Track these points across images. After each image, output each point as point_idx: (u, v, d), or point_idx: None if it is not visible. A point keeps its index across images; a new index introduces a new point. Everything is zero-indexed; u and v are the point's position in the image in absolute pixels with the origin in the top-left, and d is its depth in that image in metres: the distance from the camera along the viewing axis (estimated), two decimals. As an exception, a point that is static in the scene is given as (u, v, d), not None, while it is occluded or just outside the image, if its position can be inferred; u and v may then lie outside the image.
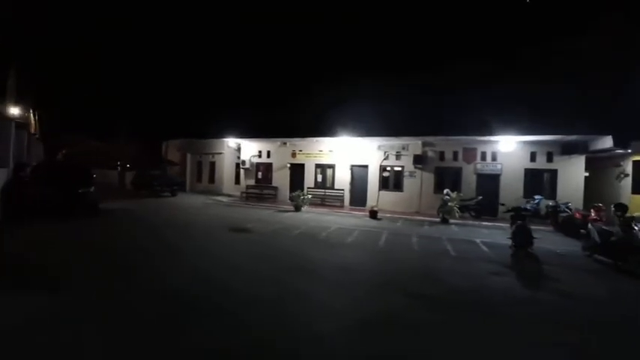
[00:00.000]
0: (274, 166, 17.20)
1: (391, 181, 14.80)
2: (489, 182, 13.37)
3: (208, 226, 9.52)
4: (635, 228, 7.19)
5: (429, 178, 14.17)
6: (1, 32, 12.50)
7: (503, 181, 13.21)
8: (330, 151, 15.79)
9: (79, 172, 11.33)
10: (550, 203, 11.26)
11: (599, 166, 13.65)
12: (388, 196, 14.73)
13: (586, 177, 12.66)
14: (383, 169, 14.89)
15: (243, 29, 22.62)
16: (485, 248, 7.92)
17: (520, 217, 7.86)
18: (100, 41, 27.58)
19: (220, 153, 19.84)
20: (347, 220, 12.02)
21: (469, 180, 13.65)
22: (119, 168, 23.87)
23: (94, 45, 26.16)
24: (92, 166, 23.26)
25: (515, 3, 14.89)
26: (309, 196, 14.15)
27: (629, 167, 11.92)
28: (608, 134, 10.80)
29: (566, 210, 10.45)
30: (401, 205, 14.39)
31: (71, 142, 23.63)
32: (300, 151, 16.54)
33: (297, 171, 16.59)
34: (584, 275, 5.96)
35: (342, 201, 15.31)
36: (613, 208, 6.76)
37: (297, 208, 13.92)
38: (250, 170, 17.74)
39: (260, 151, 17.62)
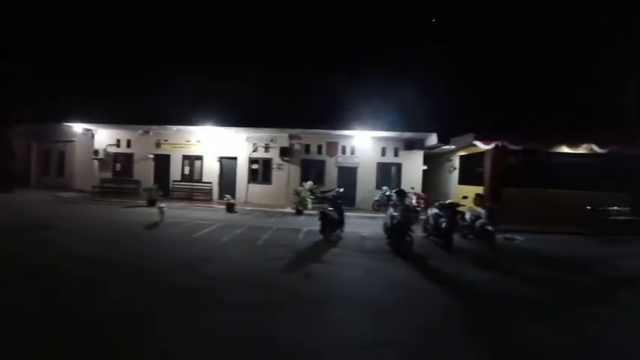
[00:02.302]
0: (135, 157, 15.30)
1: (260, 173, 14.59)
2: (348, 174, 14.25)
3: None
4: (433, 210, 8.19)
5: (295, 170, 14.40)
6: None
7: (360, 173, 14.25)
8: (198, 141, 14.76)
9: None
10: (387, 193, 12.51)
11: (438, 161, 15.86)
12: (257, 188, 14.53)
13: (425, 170, 14.53)
14: (252, 161, 14.59)
15: (102, 4, 19.48)
16: (300, 236, 8.15)
17: (329, 203, 8.38)
18: None
19: (71, 141, 16.81)
20: (197, 213, 11.30)
21: (331, 172, 14.33)
22: None
23: None
24: None
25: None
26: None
27: (456, 161, 14.06)
28: (433, 132, 12.48)
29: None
30: (269, 198, 14.32)
31: None
32: (166, 140, 15.06)
33: (162, 163, 15.05)
34: (353, 257, 6.38)
35: (211, 194, 14.48)
36: (394, 194, 7.64)
37: (151, 203, 12.61)
38: (106, 161, 15.43)
39: (118, 140, 15.45)
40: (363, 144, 14.07)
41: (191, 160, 14.92)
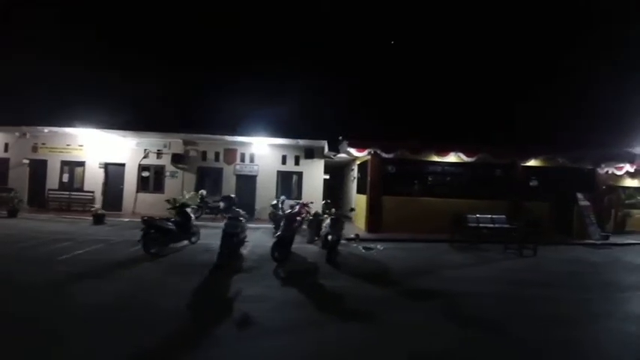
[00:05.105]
0: (11, 163, 13.51)
1: (151, 181, 13.50)
2: (247, 183, 13.62)
3: None
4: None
5: (191, 178, 13.50)
6: None
7: (260, 182, 13.68)
8: (81, 146, 13.39)
9: None
10: (274, 202, 11.98)
11: (345, 171, 15.75)
12: (148, 198, 13.37)
13: (327, 179, 14.31)
14: (142, 168, 13.50)
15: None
16: (131, 249, 7.21)
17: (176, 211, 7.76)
18: None
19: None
20: (53, 226, 10.01)
21: (229, 181, 13.61)
22: None
23: None
24: None
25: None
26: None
27: (356, 171, 13.91)
28: (324, 139, 12.26)
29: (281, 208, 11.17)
30: (161, 208, 13.14)
31: None
32: (43, 144, 13.47)
33: (38, 169, 13.43)
34: (152, 272, 5.80)
35: (92, 205, 13.10)
36: (220, 202, 7.12)
37: (12, 214, 11.14)
38: (-22, 168, 13.56)
39: (-7, 143, 13.69)
40: (263, 151, 13.56)
41: (71, 166, 13.44)
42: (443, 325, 4.11)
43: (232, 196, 6.93)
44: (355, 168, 13.79)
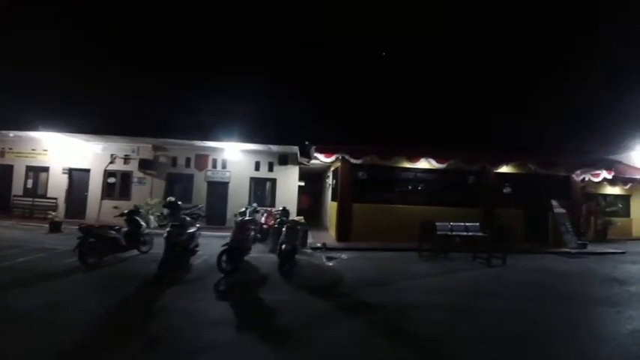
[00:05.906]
0: (-21, 169, 13.07)
1: (117, 188, 13.02)
2: (219, 190, 13.22)
3: None
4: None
5: (160, 185, 13.05)
6: None
7: (232, 188, 13.27)
8: (45, 150, 12.92)
9: None
10: (241, 210, 11.53)
11: (323, 178, 15.42)
12: (114, 205, 12.88)
13: (302, 186, 13.94)
14: (109, 174, 13.03)
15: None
16: (73, 259, 6.79)
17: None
18: None
19: None
20: (7, 232, 9.50)
21: (200, 188, 13.19)
22: None
23: None
24: None
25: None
26: None
27: (331, 178, 13.56)
28: (296, 145, 11.95)
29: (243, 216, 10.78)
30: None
31: None
32: (10, 149, 12.99)
33: (5, 174, 12.87)
34: (81, 283, 5.45)
35: (55, 212, 12.57)
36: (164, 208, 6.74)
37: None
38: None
39: (-42, 149, 13.17)
40: (235, 157, 13.19)
41: (35, 171, 12.95)
42: (373, 346, 3.73)
43: (179, 202, 6.51)
44: (330, 175, 13.48)
